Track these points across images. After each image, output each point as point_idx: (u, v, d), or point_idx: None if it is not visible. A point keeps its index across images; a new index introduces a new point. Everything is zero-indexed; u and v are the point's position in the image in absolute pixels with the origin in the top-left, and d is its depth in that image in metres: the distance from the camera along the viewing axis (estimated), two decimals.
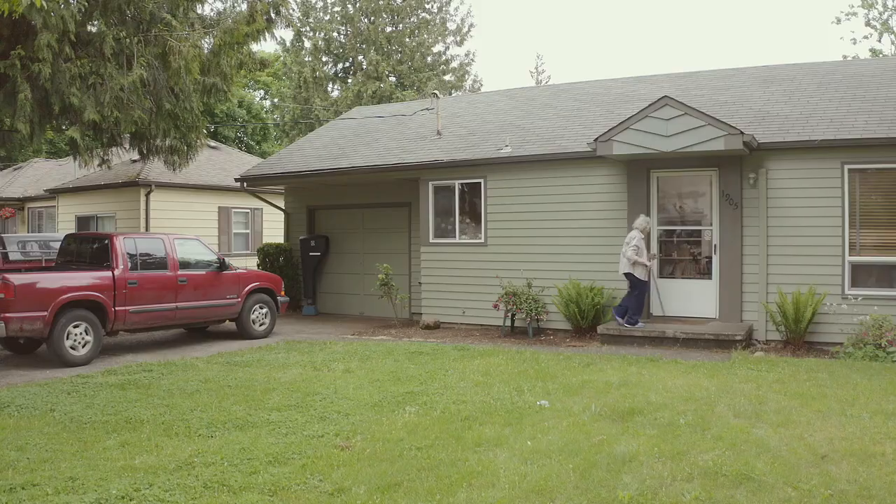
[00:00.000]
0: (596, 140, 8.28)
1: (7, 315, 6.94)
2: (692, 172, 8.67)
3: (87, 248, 8.38)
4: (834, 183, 7.88)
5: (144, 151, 9.46)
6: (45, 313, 7.14)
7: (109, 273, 7.74)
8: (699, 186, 8.87)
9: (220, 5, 9.15)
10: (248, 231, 15.17)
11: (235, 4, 8.94)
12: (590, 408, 5.10)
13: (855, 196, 7.84)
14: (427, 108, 11.55)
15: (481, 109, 11.98)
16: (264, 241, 15.11)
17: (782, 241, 8.04)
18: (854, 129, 7.94)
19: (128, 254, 7.97)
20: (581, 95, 11.51)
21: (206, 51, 7.70)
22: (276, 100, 25.46)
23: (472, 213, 9.92)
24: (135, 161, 13.33)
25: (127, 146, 10.24)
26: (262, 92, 28.17)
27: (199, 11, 9.19)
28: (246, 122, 24.68)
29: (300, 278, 11.92)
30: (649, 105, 8.06)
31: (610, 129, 8.22)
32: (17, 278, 7.13)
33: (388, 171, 10.28)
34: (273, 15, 8.71)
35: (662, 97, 8.04)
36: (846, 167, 7.85)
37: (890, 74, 9.63)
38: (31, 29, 6.82)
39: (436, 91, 11.50)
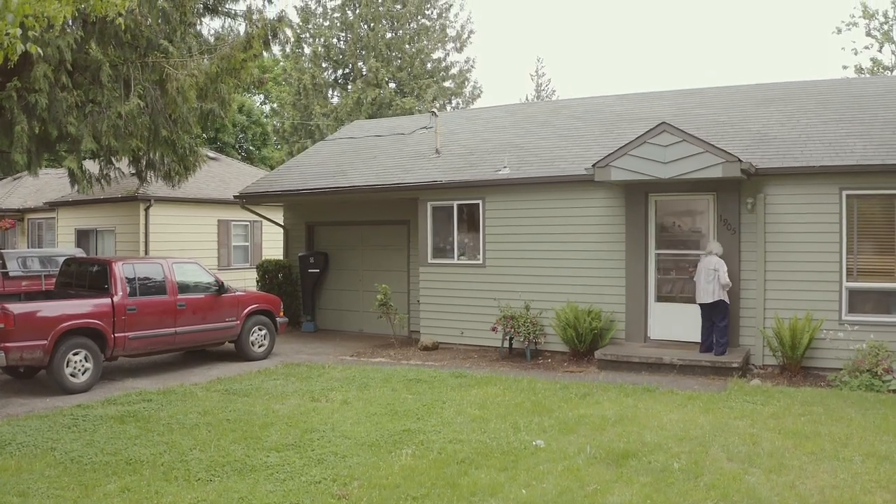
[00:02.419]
0: (594, 165, 8.29)
1: (7, 345, 6.99)
2: (690, 196, 8.68)
3: (87, 272, 8.41)
4: (832, 209, 7.89)
5: (143, 173, 9.48)
6: (45, 342, 7.18)
7: (108, 300, 7.78)
8: (697, 211, 8.88)
9: (217, 24, 9.15)
10: (247, 243, 15.21)
11: (232, 27, 8.94)
12: (585, 449, 5.14)
13: (853, 221, 7.85)
14: (426, 127, 11.55)
15: (480, 126, 11.97)
16: (264, 254, 15.17)
17: (780, 267, 8.06)
18: (852, 155, 7.94)
19: (126, 279, 8.00)
20: (580, 113, 11.50)
21: (203, 76, 7.71)
22: (275, 104, 25.44)
23: (471, 233, 9.94)
24: (133, 174, 13.34)
25: (124, 168, 10.25)
26: (261, 96, 28.13)
27: (198, 27, 9.20)
28: (245, 127, 24.66)
29: (299, 295, 11.96)
30: (648, 131, 8.06)
31: (608, 155, 8.22)
32: (16, 307, 7.17)
33: (387, 192, 10.30)
34: (270, 37, 8.70)
35: (661, 123, 8.04)
36: (844, 193, 7.86)
37: (890, 94, 9.61)
38: (27, 59, 6.82)
39: (434, 110, 11.45)
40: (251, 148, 26.70)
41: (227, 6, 9.59)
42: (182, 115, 7.73)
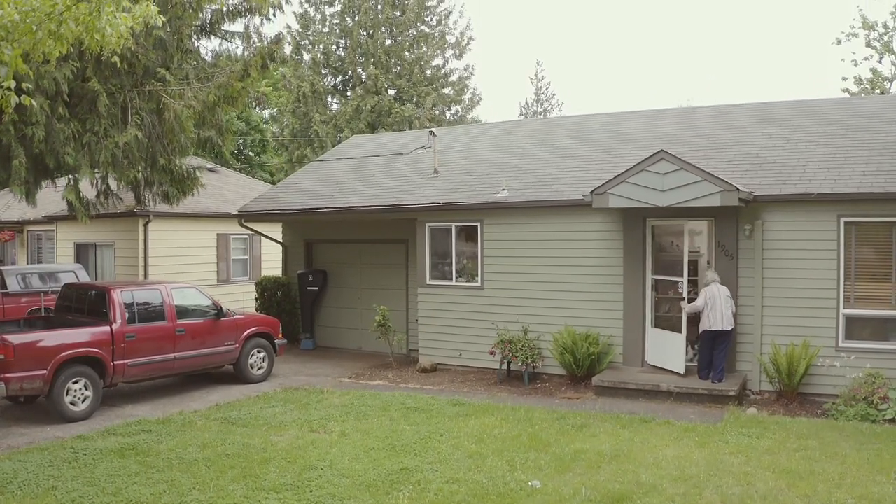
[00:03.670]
0: (593, 192, 8.30)
1: (7, 375, 7.02)
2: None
3: (86, 297, 8.44)
4: (830, 235, 7.90)
5: (141, 195, 9.49)
6: (45, 371, 7.22)
7: (108, 328, 7.81)
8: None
9: (216, 42, 9.13)
10: (246, 257, 15.22)
11: (229, 50, 8.92)
12: (580, 491, 5.17)
13: (850, 248, 7.86)
14: (424, 146, 11.54)
15: (478, 144, 11.96)
16: (263, 267, 15.19)
17: (777, 293, 8.08)
18: (851, 182, 7.94)
19: (125, 305, 8.03)
20: (578, 132, 11.49)
21: (200, 105, 7.70)
22: (274, 110, 25.42)
23: (469, 255, 9.96)
24: (131, 188, 13.34)
25: (122, 194, 10.27)
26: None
27: (195, 46, 9.18)
28: (244, 134, 24.63)
29: (298, 312, 12.00)
30: (646, 159, 8.06)
31: (607, 182, 8.23)
32: (16, 338, 7.20)
33: (386, 212, 10.32)
34: (268, 60, 8.68)
35: (659, 151, 8.04)
36: (842, 220, 7.86)
37: (888, 116, 9.60)
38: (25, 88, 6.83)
39: (432, 129, 11.45)
40: (250, 154, 26.71)
41: (224, 27, 9.57)
42: (180, 144, 7.75)
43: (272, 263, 14.65)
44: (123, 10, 4.96)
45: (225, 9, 8.95)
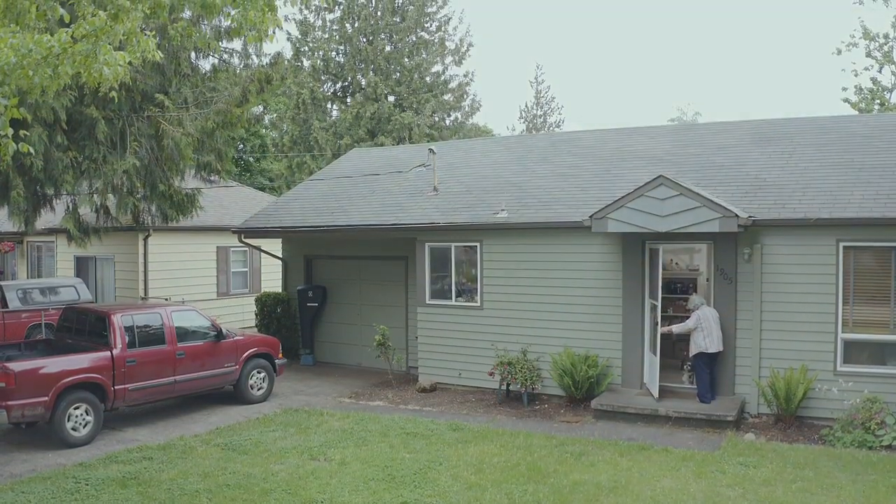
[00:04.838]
0: (592, 217, 8.31)
1: (8, 403, 7.06)
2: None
3: (87, 320, 8.47)
4: (828, 260, 7.91)
5: (139, 217, 9.50)
6: (46, 398, 7.25)
7: (108, 353, 7.83)
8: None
9: (214, 60, 9.08)
10: (246, 269, 15.24)
11: (228, 65, 8.90)
12: None
13: (849, 273, 7.87)
14: (423, 165, 11.54)
15: (477, 161, 11.95)
16: (263, 279, 15.21)
17: (776, 317, 8.10)
18: (850, 207, 7.95)
19: (126, 329, 8.06)
20: (578, 149, 11.48)
21: (199, 132, 7.70)
22: (273, 115, 25.39)
23: (469, 275, 9.98)
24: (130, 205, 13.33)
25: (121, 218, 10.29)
26: (260, 107, 27.99)
27: (193, 67, 9.16)
28: (244, 139, 24.57)
29: (298, 328, 12.03)
30: (645, 184, 8.06)
31: (606, 207, 8.24)
32: (17, 366, 7.23)
33: (385, 231, 10.33)
34: (265, 84, 8.68)
35: (658, 176, 8.04)
36: (841, 244, 7.88)
37: (888, 136, 9.59)
38: (23, 123, 6.82)
39: (431, 147, 11.45)
40: (250, 160, 26.68)
41: (222, 44, 9.55)
42: (179, 171, 7.77)
43: (272, 275, 14.67)
44: (120, 48, 4.94)
45: (223, 29, 8.93)
